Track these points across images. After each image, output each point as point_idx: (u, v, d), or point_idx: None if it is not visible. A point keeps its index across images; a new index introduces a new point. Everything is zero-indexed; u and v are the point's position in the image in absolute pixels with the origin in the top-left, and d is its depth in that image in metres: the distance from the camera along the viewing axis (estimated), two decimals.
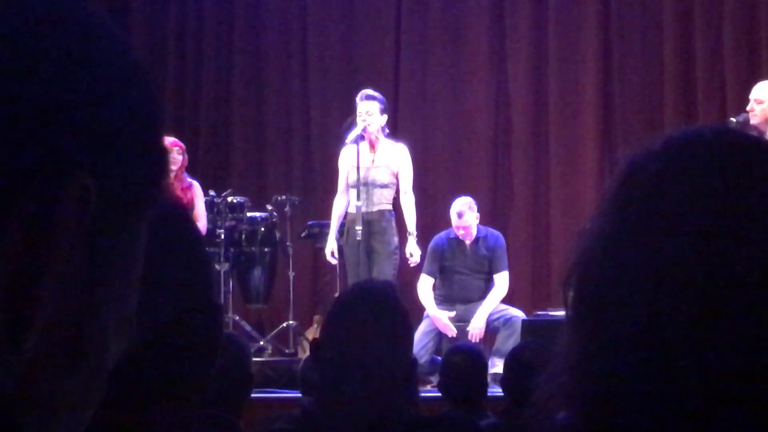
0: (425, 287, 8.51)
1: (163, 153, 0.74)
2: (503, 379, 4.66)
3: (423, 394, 6.50)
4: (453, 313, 8.36)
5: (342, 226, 8.33)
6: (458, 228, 8.45)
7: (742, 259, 0.95)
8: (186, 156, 8.55)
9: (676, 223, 0.97)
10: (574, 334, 1.01)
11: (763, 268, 0.94)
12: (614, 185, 1.04)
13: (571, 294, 1.02)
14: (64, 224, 0.66)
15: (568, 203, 9.90)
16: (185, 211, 1.34)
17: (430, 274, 8.54)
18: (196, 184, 8.71)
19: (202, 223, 8.59)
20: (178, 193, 8.35)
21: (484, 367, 5.10)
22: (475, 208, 8.54)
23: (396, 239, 8.07)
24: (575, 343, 1.00)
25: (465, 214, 8.44)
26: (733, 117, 7.53)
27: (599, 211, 1.03)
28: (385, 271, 7.89)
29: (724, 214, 0.96)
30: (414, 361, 2.77)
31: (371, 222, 7.99)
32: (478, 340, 8.18)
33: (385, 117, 8.12)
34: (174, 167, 8.23)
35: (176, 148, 8.28)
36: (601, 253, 1.00)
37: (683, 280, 0.95)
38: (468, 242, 8.51)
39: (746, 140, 1.03)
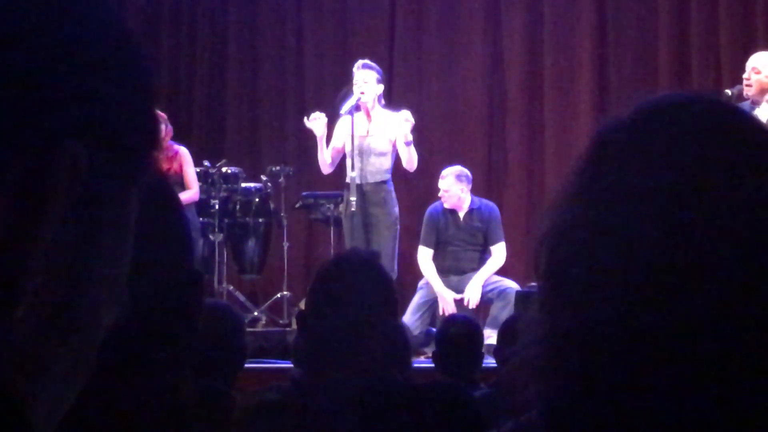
0: (426, 260, 8.49)
1: (155, 122, 0.74)
2: (496, 350, 4.67)
3: (417, 365, 6.52)
4: (459, 296, 8.33)
5: (339, 196, 8.35)
6: (442, 195, 8.44)
7: (712, 229, 0.94)
8: (169, 126, 8.42)
9: (645, 194, 0.96)
10: (544, 305, 1.00)
11: (734, 237, 0.94)
12: (584, 156, 1.03)
13: (541, 263, 1.02)
14: (55, 192, 0.66)
15: (563, 173, 9.87)
16: (164, 178, 1.34)
17: (427, 244, 8.53)
18: (183, 150, 8.60)
19: (193, 190, 8.53)
20: (165, 162, 8.27)
21: (480, 338, 5.10)
22: (465, 179, 8.50)
23: (396, 209, 8.07)
24: (545, 314, 1.00)
25: (446, 178, 8.43)
26: (728, 89, 7.50)
27: (569, 181, 1.02)
28: (385, 241, 7.90)
29: (693, 183, 0.95)
30: (401, 328, 2.77)
31: (370, 192, 7.98)
32: (474, 307, 8.18)
33: (381, 87, 8.13)
34: None
35: None
36: (570, 225, 0.99)
37: (653, 251, 0.94)
38: (461, 214, 8.50)
39: (716, 108, 1.02)
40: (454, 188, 8.42)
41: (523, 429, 1.07)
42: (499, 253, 8.46)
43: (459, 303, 8.27)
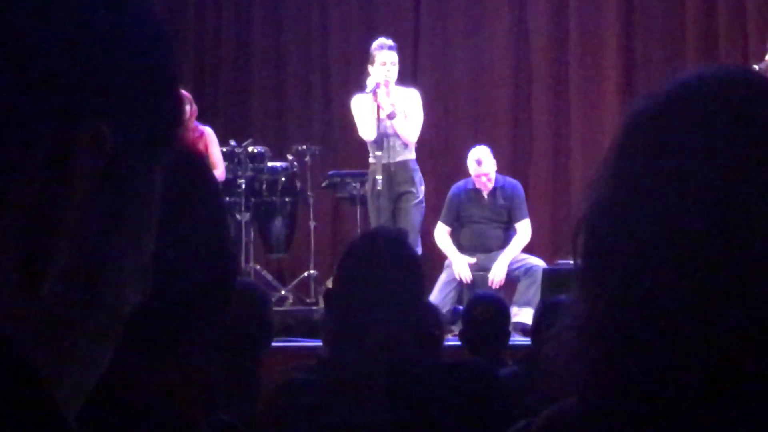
0: (442, 235, 8.55)
1: (179, 100, 0.74)
2: (533, 332, 4.65)
3: (445, 343, 6.52)
4: (474, 260, 8.36)
5: (365, 175, 8.36)
6: (479, 176, 8.43)
7: (751, 206, 0.93)
8: (194, 106, 8.43)
9: (680, 172, 0.95)
10: (582, 288, 1.00)
11: None
12: (618, 136, 1.02)
13: (579, 245, 1.01)
14: (79, 171, 0.66)
15: (589, 151, 9.86)
16: (201, 158, 1.34)
17: (446, 222, 8.57)
18: (208, 130, 8.61)
19: (219, 170, 8.54)
20: (190, 143, 8.27)
21: (506, 316, 5.10)
22: (492, 156, 8.51)
23: (422, 188, 8.09)
24: (583, 297, 0.99)
25: (484, 162, 8.42)
26: (756, 65, 7.44)
27: (605, 161, 1.02)
28: (411, 220, 7.91)
29: (728, 161, 0.94)
30: (430, 307, 2.77)
31: (397, 172, 8.00)
32: (498, 287, 8.18)
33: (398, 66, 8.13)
34: None
35: None
36: (606, 205, 0.99)
37: (689, 232, 0.93)
38: (485, 192, 8.49)
39: (751, 82, 1.00)
40: (491, 168, 8.44)
41: (560, 415, 1.06)
42: (524, 230, 8.46)
43: (482, 280, 8.27)
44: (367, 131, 8.06)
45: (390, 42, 8.09)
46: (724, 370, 0.92)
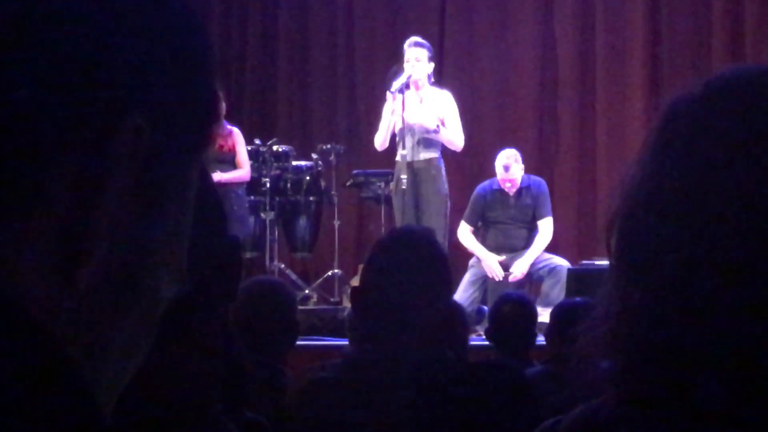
0: (465, 234, 8.53)
1: (216, 98, 0.75)
2: (548, 332, 4.64)
3: (470, 342, 6.51)
4: (503, 257, 8.34)
5: (390, 174, 8.35)
6: (504, 181, 8.41)
7: None
8: (223, 104, 8.46)
9: (717, 168, 0.95)
10: (616, 281, 0.99)
11: None
12: (655, 130, 1.02)
13: (613, 241, 1.01)
14: (118, 164, 0.67)
15: (615, 152, 9.83)
16: None
17: (469, 222, 8.55)
18: (236, 130, 8.64)
19: (245, 169, 8.56)
20: (219, 139, 8.30)
21: (534, 316, 5.09)
22: (521, 159, 8.50)
23: (446, 187, 8.07)
24: (617, 291, 0.99)
25: (511, 167, 8.40)
26: None
27: (641, 156, 1.01)
28: (435, 219, 7.90)
29: (765, 156, 0.94)
30: (456, 306, 2.76)
31: (421, 170, 7.97)
32: (514, 279, 8.18)
33: (432, 65, 8.10)
34: None
35: None
36: (642, 199, 0.98)
37: (725, 226, 0.93)
38: (512, 193, 8.48)
39: None
40: (518, 173, 8.43)
41: (591, 413, 1.05)
42: (546, 229, 8.44)
43: (506, 280, 8.27)
44: (380, 139, 8.11)
45: (416, 39, 8.08)
46: (765, 367, 0.91)
